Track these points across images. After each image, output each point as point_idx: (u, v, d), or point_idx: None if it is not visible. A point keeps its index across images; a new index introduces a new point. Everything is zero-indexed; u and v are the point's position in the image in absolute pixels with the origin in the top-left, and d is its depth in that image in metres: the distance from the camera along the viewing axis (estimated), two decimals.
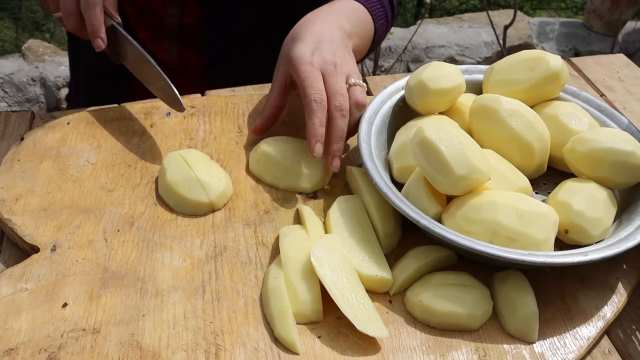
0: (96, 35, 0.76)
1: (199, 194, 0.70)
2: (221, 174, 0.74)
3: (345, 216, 0.68)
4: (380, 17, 0.91)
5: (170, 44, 1.02)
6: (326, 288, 0.59)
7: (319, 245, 0.62)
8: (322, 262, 0.61)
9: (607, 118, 0.80)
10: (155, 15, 0.98)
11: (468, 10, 3.77)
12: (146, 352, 0.57)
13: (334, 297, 0.58)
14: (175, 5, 0.97)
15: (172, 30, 1.00)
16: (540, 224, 0.61)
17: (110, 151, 0.79)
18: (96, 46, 0.76)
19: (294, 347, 0.57)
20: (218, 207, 0.72)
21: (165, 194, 0.72)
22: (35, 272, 0.63)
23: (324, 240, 0.63)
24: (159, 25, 0.99)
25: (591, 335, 0.61)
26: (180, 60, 1.03)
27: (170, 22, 0.99)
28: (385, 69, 2.59)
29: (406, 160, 0.71)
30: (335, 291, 0.59)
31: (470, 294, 0.61)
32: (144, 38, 1.01)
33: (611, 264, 0.67)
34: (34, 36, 3.43)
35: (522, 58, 0.78)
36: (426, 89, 0.74)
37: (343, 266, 0.62)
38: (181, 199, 0.71)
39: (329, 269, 0.60)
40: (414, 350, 0.58)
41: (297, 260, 0.63)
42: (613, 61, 1.08)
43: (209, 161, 0.75)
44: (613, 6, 2.73)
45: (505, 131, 0.71)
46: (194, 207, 0.71)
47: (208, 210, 0.71)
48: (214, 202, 0.71)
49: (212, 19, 0.98)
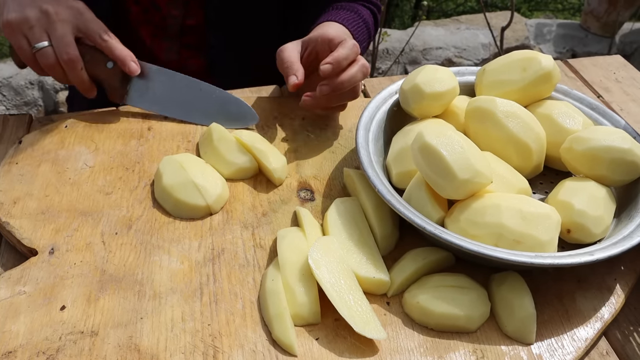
0: (130, 60, 0.82)
1: (196, 198, 0.70)
2: (217, 177, 0.74)
3: (342, 218, 0.68)
4: (363, 40, 0.94)
5: (171, 44, 1.02)
6: (324, 290, 0.59)
7: (316, 248, 0.62)
8: (319, 264, 0.61)
9: (600, 116, 0.80)
10: (159, 14, 0.98)
11: (465, 12, 3.78)
12: (144, 355, 0.57)
13: (331, 299, 0.58)
14: (178, 7, 0.98)
15: (173, 31, 1.00)
16: (544, 225, 0.62)
17: (108, 154, 0.79)
18: (133, 70, 0.82)
19: (292, 349, 0.57)
20: (215, 210, 0.72)
21: (161, 198, 0.72)
22: (34, 275, 0.63)
23: (322, 242, 0.63)
24: (161, 25, 0.99)
25: (589, 336, 0.61)
26: (179, 61, 1.03)
27: (172, 22, 0.99)
28: (382, 71, 2.59)
29: (405, 166, 0.71)
30: (332, 293, 0.59)
31: (467, 295, 0.61)
32: (145, 36, 1.01)
33: (609, 265, 0.67)
34: None
35: (514, 59, 0.78)
36: (421, 93, 0.75)
37: (340, 268, 0.62)
38: (178, 202, 0.70)
39: (327, 271, 0.60)
40: (411, 352, 0.59)
41: (294, 262, 0.63)
42: (610, 62, 1.08)
43: (205, 165, 0.75)
44: (610, 7, 2.73)
45: (502, 133, 0.71)
46: (191, 210, 0.71)
47: (205, 213, 0.71)
48: (211, 206, 0.71)
49: (215, 20, 0.99)
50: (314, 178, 0.77)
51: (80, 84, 0.81)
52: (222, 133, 0.77)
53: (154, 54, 1.02)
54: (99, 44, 0.81)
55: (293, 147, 0.82)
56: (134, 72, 0.82)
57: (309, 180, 0.77)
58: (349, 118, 0.88)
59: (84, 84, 0.82)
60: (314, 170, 0.79)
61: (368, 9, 0.98)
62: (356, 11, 0.94)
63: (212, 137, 0.77)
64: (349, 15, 0.91)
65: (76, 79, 0.80)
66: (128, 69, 0.81)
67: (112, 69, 0.83)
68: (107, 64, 0.83)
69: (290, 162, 0.80)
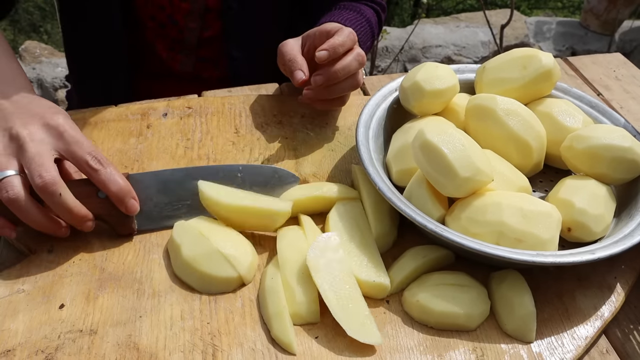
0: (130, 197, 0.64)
1: (226, 269, 0.62)
2: (244, 243, 0.65)
3: (344, 220, 0.68)
4: (366, 40, 0.94)
5: (187, 57, 1.02)
6: (320, 291, 0.59)
7: (315, 247, 0.62)
8: (318, 267, 0.60)
9: (599, 114, 0.80)
10: (176, 28, 0.98)
11: (465, 10, 3.78)
12: (143, 353, 0.57)
13: (327, 301, 0.58)
14: (195, 19, 0.97)
15: (190, 44, 1.00)
16: (545, 224, 0.62)
17: (107, 152, 0.79)
18: (133, 210, 0.65)
19: (291, 347, 0.57)
20: (248, 280, 0.63)
21: (183, 272, 0.63)
22: (32, 273, 0.63)
23: (321, 241, 0.63)
24: (178, 38, 0.99)
25: (589, 334, 0.61)
26: (194, 73, 1.04)
27: (189, 35, 0.99)
28: (382, 69, 2.59)
29: (405, 163, 0.71)
30: (329, 295, 0.59)
31: (467, 293, 0.61)
32: (160, 50, 1.01)
33: (609, 264, 0.67)
34: (31, 38, 3.43)
35: (514, 56, 0.78)
36: (422, 90, 0.74)
37: (340, 268, 0.61)
38: (204, 276, 0.62)
39: (325, 272, 0.60)
40: (411, 350, 0.58)
41: (294, 262, 0.62)
42: (610, 60, 1.08)
43: (225, 228, 0.66)
44: (610, 5, 2.73)
45: (503, 130, 0.71)
46: (221, 284, 0.62)
47: (237, 285, 0.63)
48: (244, 276, 0.63)
49: (232, 31, 0.98)
50: (313, 176, 0.77)
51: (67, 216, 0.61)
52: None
53: (169, 67, 1.02)
54: (88, 173, 0.63)
55: (293, 145, 0.82)
56: (133, 212, 0.65)
57: (309, 177, 0.77)
58: (349, 116, 0.88)
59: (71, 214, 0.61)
60: (313, 168, 0.79)
61: (372, 8, 0.97)
62: (359, 11, 0.94)
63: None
64: (351, 15, 0.91)
65: (59, 209, 0.60)
66: (125, 209, 0.64)
67: (107, 199, 0.64)
68: (99, 194, 0.64)
69: (290, 159, 0.79)
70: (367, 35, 0.94)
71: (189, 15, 0.97)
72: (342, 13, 0.91)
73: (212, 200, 0.66)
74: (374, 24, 0.96)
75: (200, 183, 0.67)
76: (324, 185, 0.72)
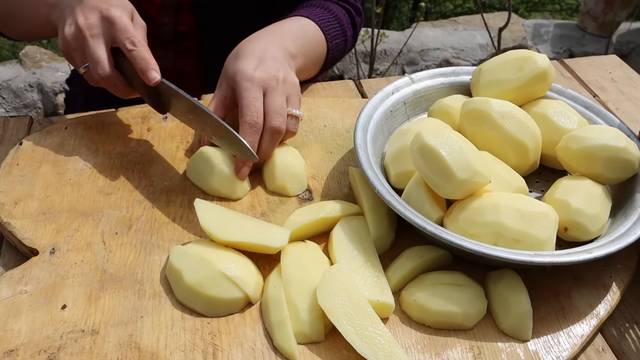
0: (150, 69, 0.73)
1: (232, 290, 0.61)
2: (245, 262, 0.65)
3: (348, 238, 0.67)
4: (336, 36, 0.93)
5: (166, 51, 1.03)
6: (341, 332, 0.57)
7: (324, 285, 0.60)
8: (333, 308, 0.58)
9: (594, 114, 0.81)
10: (153, 23, 0.99)
11: (463, 13, 3.79)
12: (144, 353, 0.57)
13: (351, 342, 0.56)
14: (169, 14, 0.98)
15: (168, 39, 1.01)
16: (542, 224, 0.62)
17: (107, 155, 0.79)
18: (151, 78, 0.72)
19: (294, 357, 0.57)
20: (255, 300, 0.63)
21: (187, 298, 0.62)
22: (35, 274, 0.64)
23: (329, 276, 0.60)
24: (155, 33, 1.00)
25: (585, 333, 0.61)
26: (176, 67, 1.04)
27: (165, 30, 1.00)
28: (380, 72, 2.60)
29: (403, 166, 0.72)
30: (353, 336, 0.57)
31: (464, 293, 0.62)
32: None
33: (605, 263, 0.68)
34: (31, 42, 3.43)
35: (509, 58, 0.79)
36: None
37: (354, 301, 0.59)
38: (212, 300, 0.61)
39: (340, 311, 0.58)
40: (409, 349, 0.59)
41: (298, 279, 0.62)
42: (606, 62, 1.09)
43: (225, 250, 0.65)
44: (607, 7, 2.74)
45: (499, 133, 0.72)
46: (228, 305, 0.62)
47: (245, 305, 0.63)
48: (251, 296, 0.62)
49: (206, 25, 0.99)
50: (312, 178, 0.78)
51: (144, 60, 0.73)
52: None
53: None
54: (126, 52, 0.74)
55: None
56: (151, 81, 0.73)
57: (307, 180, 0.78)
58: (347, 118, 0.88)
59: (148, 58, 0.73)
60: (312, 170, 0.79)
61: (342, 7, 0.97)
62: (327, 8, 0.94)
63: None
64: (319, 12, 0.92)
65: (119, 94, 0.77)
66: (146, 78, 0.73)
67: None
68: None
69: None
70: (337, 31, 0.93)
71: (162, 10, 0.98)
72: (309, 10, 0.92)
73: (207, 230, 0.65)
74: (344, 23, 0.95)
75: (196, 204, 0.67)
76: (326, 205, 0.70)
